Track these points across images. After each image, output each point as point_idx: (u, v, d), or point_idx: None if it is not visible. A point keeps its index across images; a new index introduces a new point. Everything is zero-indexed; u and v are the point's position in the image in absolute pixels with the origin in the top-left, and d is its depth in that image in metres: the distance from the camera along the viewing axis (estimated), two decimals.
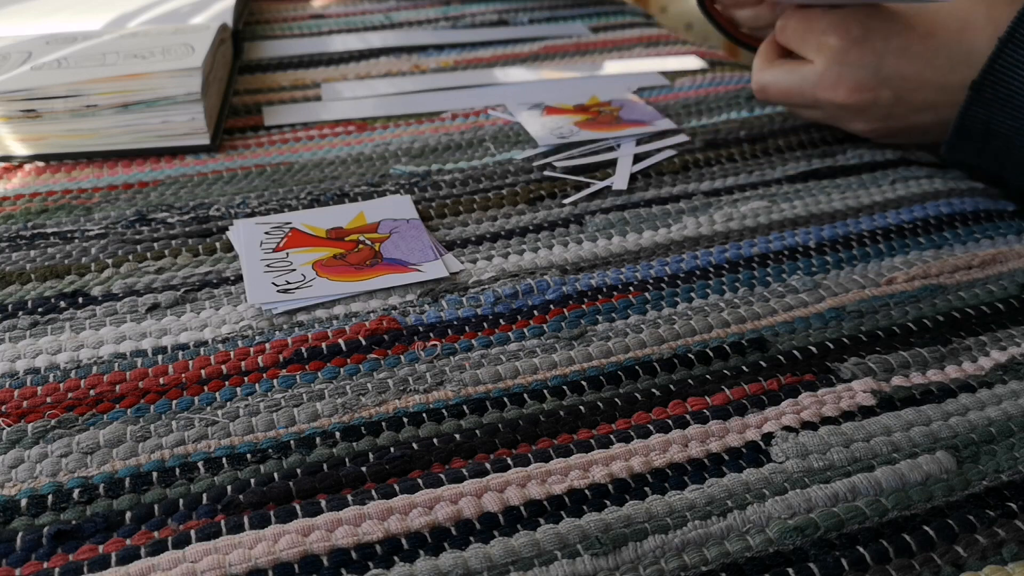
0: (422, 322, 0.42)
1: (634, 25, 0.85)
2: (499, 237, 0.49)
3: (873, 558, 0.29)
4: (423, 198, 0.53)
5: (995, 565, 0.29)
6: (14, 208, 0.53)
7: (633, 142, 0.58)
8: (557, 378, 0.38)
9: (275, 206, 0.52)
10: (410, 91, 0.69)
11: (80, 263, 0.47)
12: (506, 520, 0.31)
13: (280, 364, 0.39)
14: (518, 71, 0.73)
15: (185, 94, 0.58)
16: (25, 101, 0.57)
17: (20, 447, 0.35)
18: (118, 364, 0.39)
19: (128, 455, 0.34)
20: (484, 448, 0.34)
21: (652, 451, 0.34)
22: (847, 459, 0.33)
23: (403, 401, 0.37)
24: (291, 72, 0.74)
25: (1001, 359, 0.38)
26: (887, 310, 0.42)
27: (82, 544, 0.31)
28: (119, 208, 0.53)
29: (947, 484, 0.32)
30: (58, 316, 0.43)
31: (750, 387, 0.37)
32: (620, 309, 0.42)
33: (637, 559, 0.30)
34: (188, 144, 0.59)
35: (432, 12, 0.90)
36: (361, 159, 0.58)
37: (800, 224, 0.49)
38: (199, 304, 0.43)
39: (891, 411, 0.35)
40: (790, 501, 0.31)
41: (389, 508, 0.31)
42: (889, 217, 0.49)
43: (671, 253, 0.47)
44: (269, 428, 0.36)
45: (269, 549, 0.30)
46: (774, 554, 0.30)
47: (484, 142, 0.60)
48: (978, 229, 0.48)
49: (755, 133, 0.60)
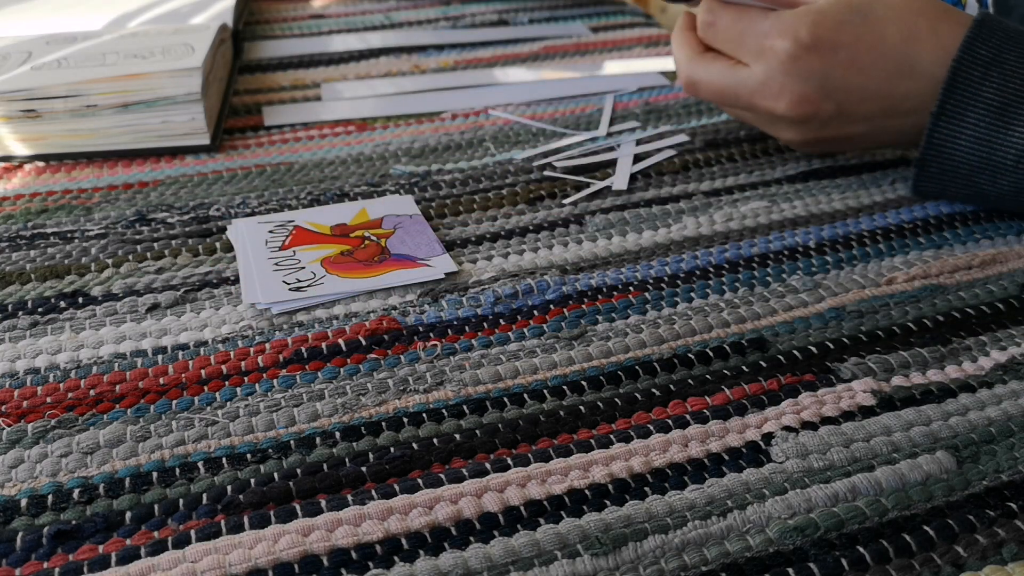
0: (422, 322, 0.42)
1: (634, 25, 0.85)
2: (499, 237, 0.49)
3: (873, 558, 0.29)
4: (423, 198, 0.53)
5: (995, 565, 0.29)
6: (14, 208, 0.53)
7: (633, 142, 0.58)
8: (557, 378, 0.38)
9: (275, 206, 0.52)
10: (410, 91, 0.69)
11: (80, 263, 0.47)
12: (506, 520, 0.31)
13: (280, 364, 0.39)
14: (518, 71, 0.73)
15: (185, 94, 0.58)
16: (25, 101, 0.57)
17: (20, 447, 0.35)
18: (118, 364, 0.39)
19: (128, 455, 0.34)
20: (484, 448, 0.34)
21: (652, 451, 0.34)
22: (847, 459, 0.33)
23: (403, 401, 0.37)
24: (291, 72, 0.74)
25: (1001, 359, 0.38)
26: (887, 310, 0.42)
27: (82, 544, 0.31)
28: (119, 208, 0.53)
29: (947, 484, 0.32)
30: (58, 316, 0.43)
31: (750, 387, 0.37)
32: (620, 309, 0.42)
33: (637, 559, 0.30)
34: (188, 144, 0.59)
35: (432, 12, 0.90)
36: (361, 159, 0.58)
37: (800, 224, 0.49)
38: (199, 304, 0.43)
39: (891, 411, 0.35)
40: (790, 501, 0.31)
41: (389, 508, 0.31)
42: (889, 217, 0.49)
43: (671, 253, 0.47)
44: (269, 428, 0.36)
45: (269, 549, 0.30)
46: (774, 554, 0.30)
47: (484, 142, 0.60)
48: (978, 229, 0.48)
49: (755, 133, 0.60)
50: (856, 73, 0.48)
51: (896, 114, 0.49)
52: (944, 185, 0.48)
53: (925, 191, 0.50)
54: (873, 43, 0.47)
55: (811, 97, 0.49)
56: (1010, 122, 0.45)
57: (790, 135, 0.53)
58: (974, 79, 0.45)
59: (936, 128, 0.46)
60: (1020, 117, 0.45)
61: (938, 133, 0.47)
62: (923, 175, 0.48)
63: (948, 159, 0.47)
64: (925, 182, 0.49)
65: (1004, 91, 0.45)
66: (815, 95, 0.49)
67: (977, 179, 0.47)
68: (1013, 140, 0.45)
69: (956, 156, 0.47)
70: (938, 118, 0.46)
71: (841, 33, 0.48)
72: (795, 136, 0.53)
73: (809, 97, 0.49)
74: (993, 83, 0.45)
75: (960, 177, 0.47)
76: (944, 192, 0.49)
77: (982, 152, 0.46)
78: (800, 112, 0.49)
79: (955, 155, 0.47)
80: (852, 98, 0.49)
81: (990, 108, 0.45)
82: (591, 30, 0.83)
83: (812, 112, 0.49)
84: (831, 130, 0.51)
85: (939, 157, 0.47)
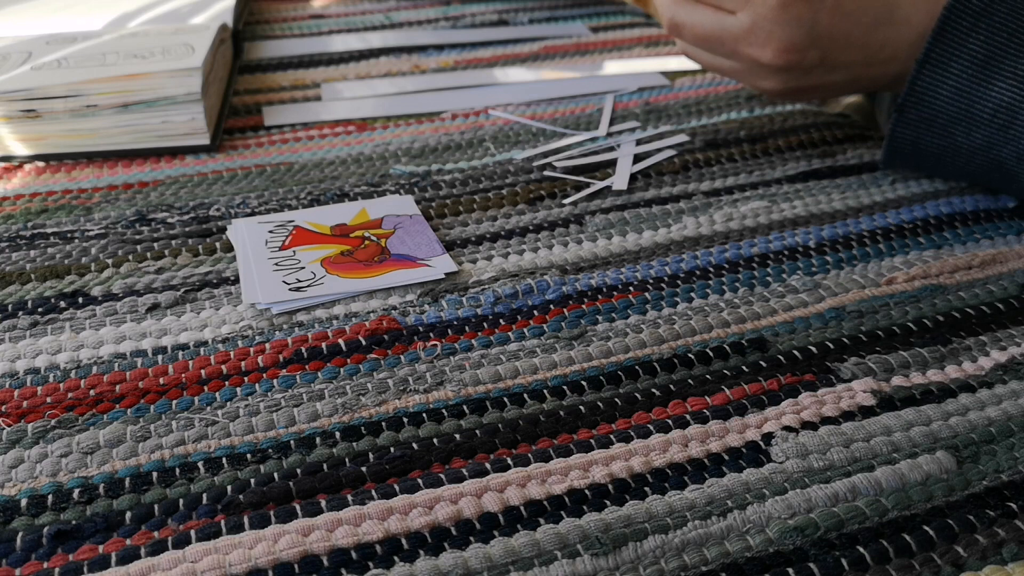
0: (422, 322, 0.42)
1: (634, 25, 0.85)
2: (499, 237, 0.49)
3: (873, 558, 0.29)
4: (423, 198, 0.53)
5: (995, 565, 0.29)
6: (14, 208, 0.53)
7: (633, 142, 0.58)
8: (557, 378, 0.38)
9: (275, 206, 0.52)
10: (410, 91, 0.69)
11: (80, 263, 0.47)
12: (506, 520, 0.31)
13: (280, 364, 0.39)
14: (518, 71, 0.73)
15: (185, 94, 0.58)
16: (25, 101, 0.57)
17: (20, 447, 0.35)
18: (118, 364, 0.39)
19: (128, 455, 0.34)
20: (484, 448, 0.34)
21: (652, 451, 0.34)
22: (847, 459, 0.33)
23: (403, 401, 0.37)
24: (291, 72, 0.74)
25: (1001, 359, 0.38)
26: (887, 310, 0.42)
27: (82, 544, 0.31)
28: (119, 208, 0.53)
29: (947, 484, 0.32)
30: (58, 316, 0.43)
31: (750, 387, 0.37)
32: (620, 309, 0.42)
33: (637, 559, 0.30)
34: (188, 144, 0.59)
35: (432, 12, 0.90)
36: (361, 159, 0.58)
37: (800, 224, 0.49)
38: (199, 304, 0.43)
39: (891, 411, 0.35)
40: (790, 501, 0.31)
41: (389, 508, 0.31)
42: (889, 217, 0.49)
43: (671, 253, 0.47)
44: (269, 428, 0.36)
45: (269, 549, 0.30)
46: (774, 554, 0.30)
47: (484, 142, 0.60)
48: (978, 229, 0.48)
49: (755, 133, 0.60)
50: (841, 19, 0.48)
51: (875, 62, 0.49)
52: (919, 134, 0.49)
53: (901, 138, 0.49)
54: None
55: (798, 44, 0.49)
56: (992, 75, 0.45)
57: (770, 84, 0.52)
58: (962, 29, 0.45)
59: (920, 75, 0.47)
60: (1002, 71, 0.45)
61: (921, 81, 0.47)
62: (901, 120, 0.48)
63: (928, 107, 0.47)
64: (903, 128, 0.49)
65: (990, 43, 0.45)
66: (802, 42, 0.49)
67: (953, 130, 0.47)
68: (992, 94, 0.45)
69: (936, 105, 0.47)
70: (922, 65, 0.46)
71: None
72: (776, 85, 0.52)
73: (796, 44, 0.49)
74: (980, 34, 0.45)
75: (936, 127, 0.48)
76: (918, 142, 0.49)
77: (961, 103, 0.46)
78: (786, 60, 0.49)
79: (935, 103, 0.47)
80: (836, 45, 0.49)
81: (974, 60, 0.45)
82: (591, 30, 0.83)
83: (798, 60, 0.49)
84: (812, 78, 0.51)
85: (919, 105, 0.47)
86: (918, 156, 0.50)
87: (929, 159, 0.50)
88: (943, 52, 0.46)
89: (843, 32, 0.48)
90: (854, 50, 0.49)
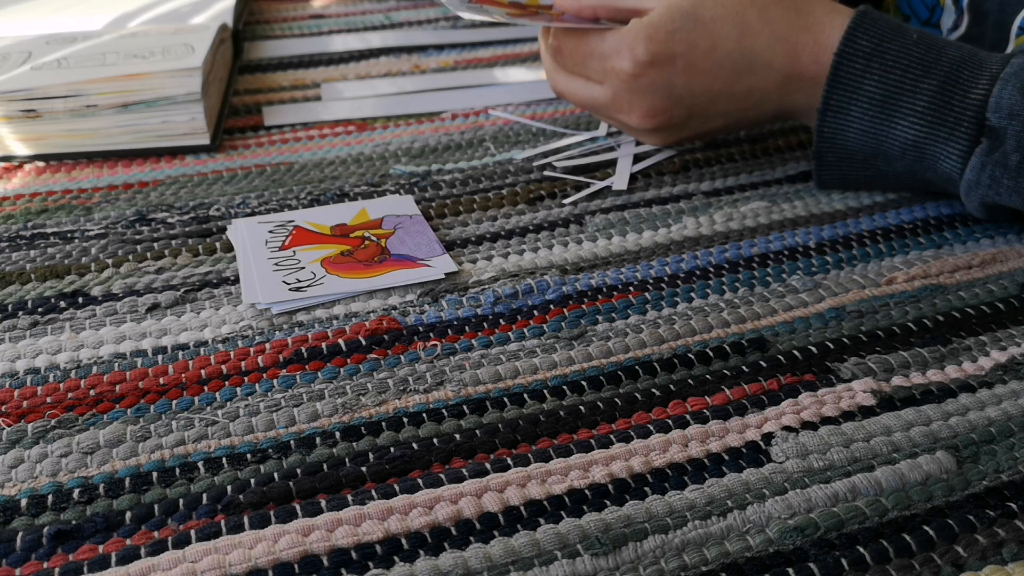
0: (422, 322, 0.42)
1: None
2: (499, 237, 0.49)
3: (873, 558, 0.29)
4: (423, 198, 0.53)
5: (995, 565, 0.29)
6: (14, 208, 0.53)
7: (633, 142, 0.58)
8: (557, 378, 0.38)
9: (275, 206, 0.52)
10: (410, 91, 0.69)
11: (80, 263, 0.47)
12: (506, 520, 0.31)
13: (280, 364, 0.39)
14: (518, 71, 0.73)
15: (185, 94, 0.58)
16: (25, 101, 0.57)
17: (20, 447, 0.35)
18: (118, 364, 0.39)
19: (128, 455, 0.34)
20: (484, 448, 0.34)
21: (652, 451, 0.34)
22: (847, 459, 0.33)
23: (403, 401, 0.37)
24: (291, 72, 0.74)
25: (1001, 359, 0.38)
26: (887, 310, 0.42)
27: (82, 544, 0.31)
28: (119, 208, 0.53)
29: (947, 484, 0.32)
30: (58, 316, 0.43)
31: (750, 387, 0.37)
32: (620, 309, 0.42)
33: (637, 559, 0.30)
34: (188, 144, 0.59)
35: (432, 12, 0.90)
36: (361, 159, 0.58)
37: (800, 224, 0.49)
38: (199, 304, 0.43)
39: (891, 411, 0.35)
40: (790, 501, 0.31)
41: (389, 508, 0.31)
42: (889, 217, 0.49)
43: (671, 253, 0.47)
44: (269, 428, 0.36)
45: (269, 549, 0.30)
46: (774, 554, 0.30)
47: (484, 142, 0.60)
48: (978, 229, 0.48)
49: (755, 133, 0.60)
50: (697, 76, 0.49)
51: (748, 107, 0.50)
52: (844, 172, 0.50)
53: (828, 180, 0.51)
54: (708, 46, 0.48)
55: (659, 108, 0.50)
56: (892, 114, 0.46)
57: (652, 140, 0.55)
58: (855, 72, 0.46)
59: (824, 123, 0.48)
60: (901, 109, 0.46)
61: (827, 127, 0.48)
62: (822, 164, 0.50)
63: (841, 148, 0.48)
64: (826, 171, 0.50)
65: (885, 83, 0.46)
66: (663, 105, 0.50)
67: (873, 163, 0.48)
68: (897, 132, 0.46)
69: (848, 146, 0.48)
70: (824, 113, 0.47)
71: (675, 43, 0.48)
72: (657, 141, 0.55)
73: (657, 108, 0.50)
74: (874, 75, 0.46)
75: (857, 163, 0.49)
76: (846, 178, 0.50)
77: (871, 143, 0.47)
78: (653, 123, 0.51)
79: (847, 145, 0.48)
80: (700, 101, 0.50)
81: (872, 101, 0.46)
82: None
83: (665, 121, 0.51)
84: (690, 130, 0.53)
85: (832, 149, 0.49)
86: (850, 185, 0.51)
87: (863, 185, 0.51)
88: (841, 97, 0.47)
89: (703, 88, 0.49)
90: (721, 100, 0.50)
